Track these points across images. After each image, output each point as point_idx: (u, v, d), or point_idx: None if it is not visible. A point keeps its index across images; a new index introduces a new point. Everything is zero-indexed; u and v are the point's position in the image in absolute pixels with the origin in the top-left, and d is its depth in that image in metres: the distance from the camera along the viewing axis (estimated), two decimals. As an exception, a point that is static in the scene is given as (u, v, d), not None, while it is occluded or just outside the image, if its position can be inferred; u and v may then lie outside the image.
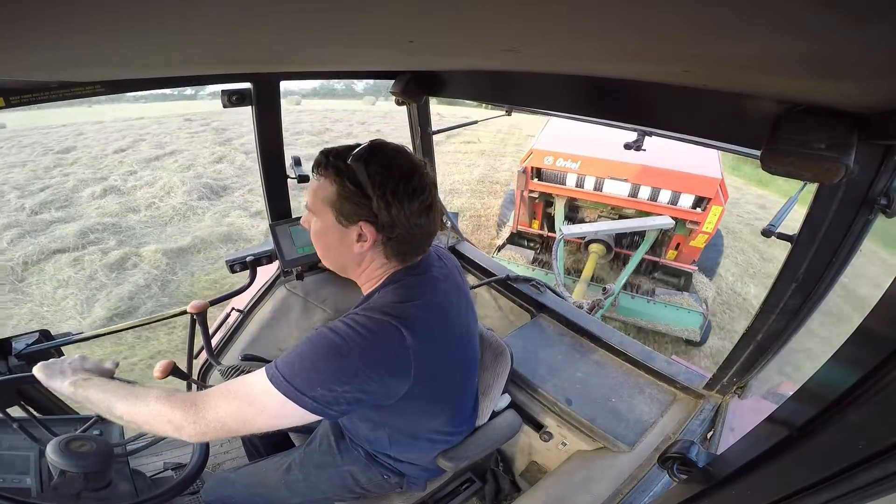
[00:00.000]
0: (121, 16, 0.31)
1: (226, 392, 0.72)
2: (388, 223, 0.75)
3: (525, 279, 1.78)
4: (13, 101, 0.92)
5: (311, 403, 0.67)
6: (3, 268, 4.75)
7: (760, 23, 0.25)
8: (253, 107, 1.41)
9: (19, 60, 0.53)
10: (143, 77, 1.09)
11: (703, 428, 1.16)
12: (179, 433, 0.70)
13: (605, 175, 4.12)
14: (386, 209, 0.73)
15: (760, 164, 0.60)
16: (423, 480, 1.08)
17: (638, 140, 1.43)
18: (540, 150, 4.33)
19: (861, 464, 0.33)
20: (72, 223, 5.88)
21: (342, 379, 0.69)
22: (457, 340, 0.90)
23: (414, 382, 0.76)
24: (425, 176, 0.77)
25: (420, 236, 0.79)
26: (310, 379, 0.68)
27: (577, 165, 4.18)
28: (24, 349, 1.22)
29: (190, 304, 1.35)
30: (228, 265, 1.64)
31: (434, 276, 0.86)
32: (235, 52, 0.68)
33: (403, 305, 0.77)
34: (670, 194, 3.99)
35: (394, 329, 0.73)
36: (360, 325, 0.72)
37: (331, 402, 0.68)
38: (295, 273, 1.74)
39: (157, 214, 6.50)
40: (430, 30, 0.42)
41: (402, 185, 0.73)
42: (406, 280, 0.82)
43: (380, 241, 0.78)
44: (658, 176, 3.95)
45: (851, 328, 0.35)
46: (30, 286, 4.54)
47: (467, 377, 1.00)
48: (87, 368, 0.85)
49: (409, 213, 0.74)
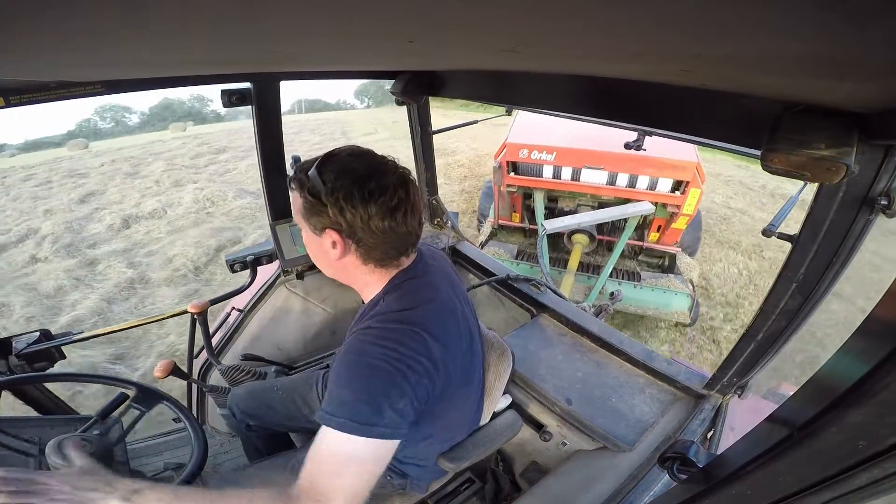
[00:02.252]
0: (121, 15, 0.31)
1: (325, 468, 0.66)
2: (347, 229, 0.74)
3: (525, 279, 1.78)
4: (13, 100, 0.92)
5: (385, 431, 0.66)
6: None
7: (760, 23, 0.25)
8: (253, 107, 1.41)
9: (19, 60, 0.53)
10: (142, 77, 1.09)
11: (704, 428, 1.16)
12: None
13: (582, 164, 4.12)
14: (341, 215, 0.72)
15: (760, 164, 0.60)
16: (425, 482, 1.08)
17: (638, 140, 1.43)
18: (514, 144, 4.28)
19: (861, 464, 0.33)
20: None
21: (398, 394, 0.68)
22: (464, 339, 0.91)
23: (439, 384, 0.77)
24: (386, 177, 0.74)
25: (390, 239, 0.77)
26: (372, 408, 0.66)
27: (552, 157, 4.17)
28: (25, 348, 1.22)
29: (190, 303, 1.35)
30: (229, 264, 1.64)
31: (433, 277, 0.86)
32: (235, 53, 0.68)
33: (416, 312, 0.77)
34: (648, 180, 4.00)
35: (417, 335, 0.73)
36: (386, 338, 0.71)
37: (399, 423, 0.68)
38: (295, 272, 1.74)
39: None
40: (429, 30, 0.42)
41: (357, 190, 0.71)
42: (408, 285, 0.82)
43: (351, 248, 0.77)
44: (635, 162, 3.93)
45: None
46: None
47: (473, 375, 1.01)
48: (97, 478, 0.66)
49: (367, 216, 0.72)
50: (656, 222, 4.30)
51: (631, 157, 3.89)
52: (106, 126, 36.50)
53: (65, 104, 5.56)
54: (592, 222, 3.95)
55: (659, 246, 4.38)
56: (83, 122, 36.86)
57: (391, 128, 15.59)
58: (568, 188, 4.32)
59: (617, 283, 3.88)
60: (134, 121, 38.08)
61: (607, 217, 3.93)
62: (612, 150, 3.93)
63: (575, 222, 3.84)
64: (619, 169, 4.04)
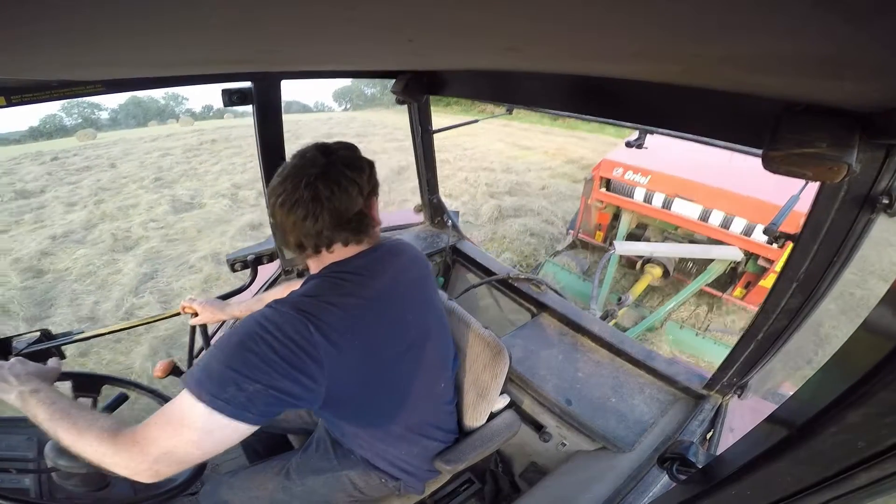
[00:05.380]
0: (121, 15, 0.31)
1: (160, 419, 0.66)
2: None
3: (526, 278, 1.78)
4: (14, 100, 0.92)
5: (226, 407, 0.64)
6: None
7: (760, 22, 0.25)
8: (254, 106, 1.41)
9: (20, 60, 0.54)
10: (143, 76, 1.09)
11: (703, 428, 1.16)
12: (134, 476, 0.65)
13: (675, 193, 3.72)
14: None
15: (762, 163, 0.60)
16: (419, 483, 1.08)
17: (639, 138, 1.43)
18: (610, 161, 4.11)
19: (861, 464, 0.33)
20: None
21: (249, 376, 0.66)
22: (393, 345, 0.88)
23: (332, 382, 0.75)
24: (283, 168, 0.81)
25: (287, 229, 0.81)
26: (221, 379, 0.65)
27: (646, 180, 3.86)
28: (25, 348, 1.22)
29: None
30: (229, 264, 1.65)
31: (370, 273, 0.84)
32: (237, 52, 0.68)
33: (316, 300, 0.76)
34: (745, 223, 3.41)
35: (301, 324, 0.72)
36: (268, 319, 0.71)
37: (245, 403, 0.65)
38: (296, 272, 1.74)
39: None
40: (430, 29, 0.42)
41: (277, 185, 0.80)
42: (330, 277, 0.82)
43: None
44: (734, 201, 3.42)
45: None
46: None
47: (427, 379, 0.98)
48: (30, 373, 0.79)
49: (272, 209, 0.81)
50: (745, 277, 3.68)
51: (728, 194, 3.46)
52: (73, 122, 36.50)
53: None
54: (669, 254, 3.62)
55: (741, 303, 3.73)
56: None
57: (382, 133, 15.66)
58: (657, 215, 3.95)
59: (678, 326, 3.58)
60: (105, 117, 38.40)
61: (687, 253, 3.58)
62: (709, 182, 3.56)
63: (650, 250, 3.54)
64: (714, 205, 3.53)
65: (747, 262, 3.57)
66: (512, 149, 10.52)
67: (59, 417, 0.70)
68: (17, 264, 5.09)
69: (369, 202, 0.83)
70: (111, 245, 5.51)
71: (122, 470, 0.65)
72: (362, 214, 0.82)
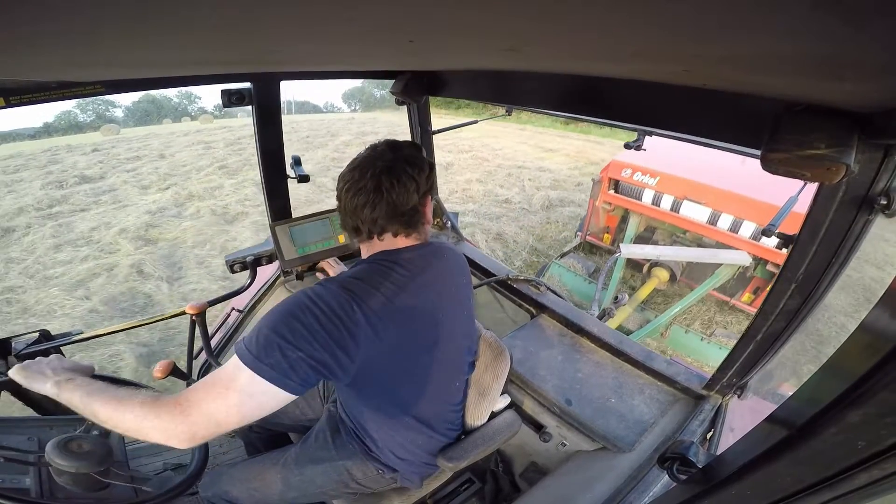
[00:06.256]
0: (121, 16, 0.31)
1: (207, 383, 0.69)
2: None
3: (525, 279, 1.78)
4: (13, 100, 0.92)
5: (270, 371, 0.67)
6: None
7: (760, 22, 0.25)
8: (253, 107, 1.41)
9: (19, 60, 0.53)
10: (143, 77, 1.09)
11: (703, 428, 1.16)
12: (169, 439, 0.67)
13: (683, 195, 3.71)
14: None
15: (761, 163, 0.60)
16: (416, 477, 1.09)
17: (638, 140, 1.43)
18: (619, 162, 4.09)
19: (861, 464, 0.33)
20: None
21: (293, 343, 0.70)
22: (420, 339, 0.91)
23: (365, 362, 0.78)
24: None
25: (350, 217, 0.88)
26: (268, 343, 0.69)
27: (654, 181, 3.85)
28: (24, 349, 1.22)
29: (188, 304, 1.35)
30: (228, 265, 1.64)
31: (416, 268, 0.88)
32: (236, 53, 0.68)
33: (363, 283, 0.81)
34: (754, 227, 3.41)
35: (347, 302, 0.76)
36: (317, 293, 0.76)
37: (287, 370, 0.69)
38: (295, 273, 1.74)
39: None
40: (430, 29, 0.42)
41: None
42: (378, 264, 0.86)
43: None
44: (743, 204, 3.40)
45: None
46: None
47: (444, 377, 1.01)
48: (66, 368, 0.83)
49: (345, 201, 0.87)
50: (754, 282, 3.66)
51: (739, 198, 3.42)
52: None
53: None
54: (677, 258, 3.58)
55: (749, 308, 3.67)
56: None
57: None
58: (665, 218, 3.93)
59: (684, 330, 3.49)
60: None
61: (695, 257, 3.53)
62: (718, 184, 3.51)
63: (656, 253, 3.51)
64: (723, 208, 3.51)
65: (756, 266, 3.53)
66: (536, 150, 11.33)
67: (97, 393, 0.73)
68: (123, 234, 5.53)
69: (424, 200, 0.89)
70: (213, 220, 6.12)
71: (160, 434, 0.67)
72: (416, 210, 0.87)
